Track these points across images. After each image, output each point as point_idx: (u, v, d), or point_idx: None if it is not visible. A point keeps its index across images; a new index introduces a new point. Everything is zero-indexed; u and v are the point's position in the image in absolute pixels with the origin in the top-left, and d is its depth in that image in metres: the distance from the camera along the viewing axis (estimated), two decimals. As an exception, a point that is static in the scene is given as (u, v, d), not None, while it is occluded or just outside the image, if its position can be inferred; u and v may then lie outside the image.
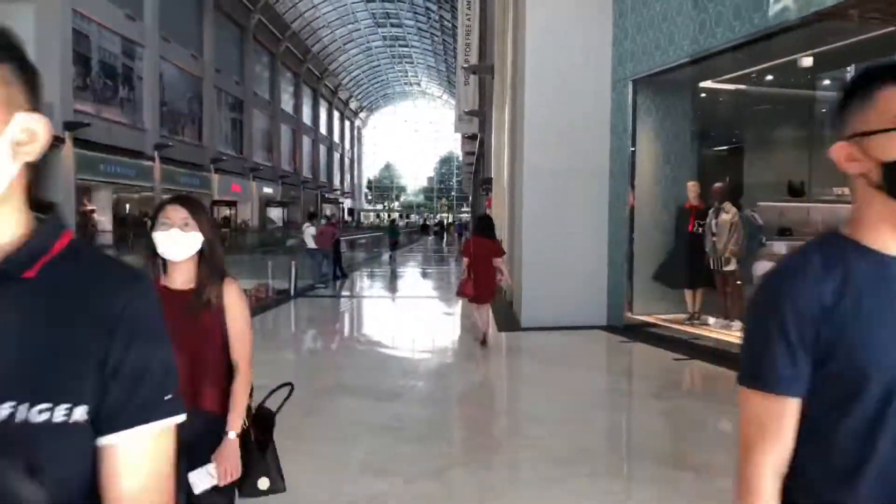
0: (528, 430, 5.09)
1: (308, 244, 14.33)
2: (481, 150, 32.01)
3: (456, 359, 8.26)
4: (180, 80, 37.63)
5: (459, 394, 6.42)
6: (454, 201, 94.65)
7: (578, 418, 5.24)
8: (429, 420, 5.25)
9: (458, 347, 8.68)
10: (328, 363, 7.56)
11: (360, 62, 70.36)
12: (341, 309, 11.97)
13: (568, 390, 6.09)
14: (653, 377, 6.75)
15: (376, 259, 25.66)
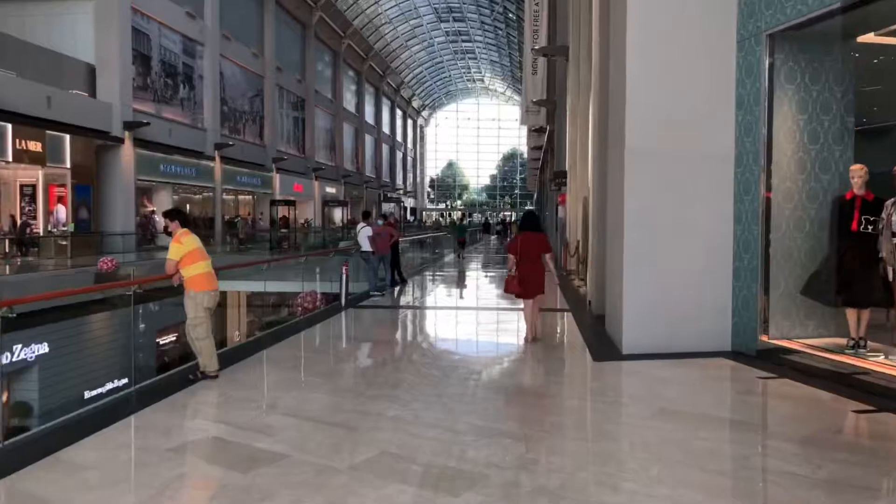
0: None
1: (363, 246, 12.63)
2: (550, 143, 29.86)
3: (540, 409, 6.37)
4: (241, 79, 36.90)
5: (537, 480, 4.31)
6: (517, 199, 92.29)
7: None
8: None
9: (545, 386, 6.77)
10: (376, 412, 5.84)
11: (423, 59, 68.98)
12: (398, 323, 10.13)
13: (702, 470, 3.89)
14: (843, 447, 4.38)
15: (439, 260, 23.93)
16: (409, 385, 5.95)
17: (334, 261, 12.93)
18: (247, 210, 38.38)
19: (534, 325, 8.10)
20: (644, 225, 7.34)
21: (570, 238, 17.59)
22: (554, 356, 7.52)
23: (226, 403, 5.44)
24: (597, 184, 10.32)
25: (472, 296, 13.78)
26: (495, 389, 5.95)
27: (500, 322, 10.02)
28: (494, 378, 6.51)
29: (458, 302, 12.73)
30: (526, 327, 8.14)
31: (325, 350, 7.84)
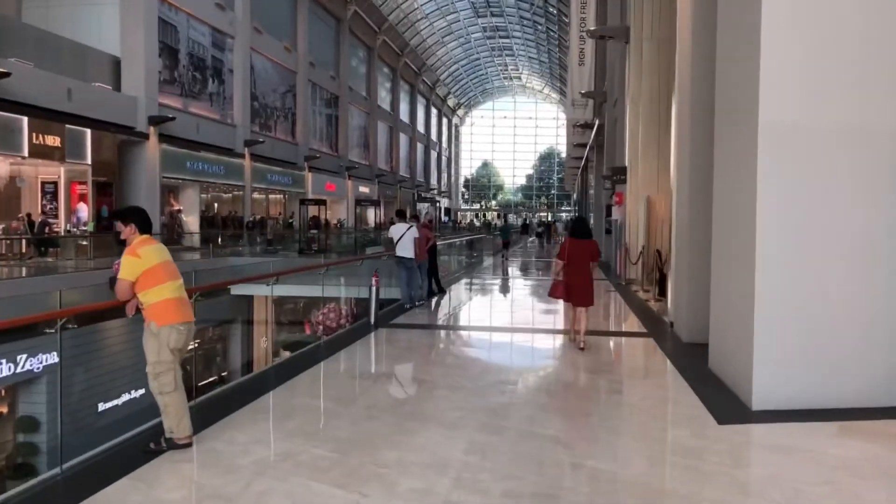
0: None
1: (403, 251, 10.64)
2: (597, 138, 27.62)
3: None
4: (273, 74, 35.41)
5: None
6: (554, 199, 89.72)
7: None
8: None
9: (663, 477, 4.73)
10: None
11: (459, 56, 67.01)
12: (441, 352, 7.92)
13: None
14: None
15: (478, 265, 21.90)
16: (470, 467, 3.98)
17: (363, 268, 11.03)
18: (278, 209, 36.94)
19: (582, 332, 7.71)
20: (787, 230, 5.25)
21: (629, 242, 15.45)
22: (658, 413, 5.44)
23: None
24: (689, 179, 8.20)
25: (522, 311, 11.75)
26: (604, 480, 3.90)
27: (565, 352, 7.99)
28: (592, 456, 4.44)
29: (508, 319, 10.67)
30: (573, 331, 7.96)
31: (350, 395, 5.80)
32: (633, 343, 8.41)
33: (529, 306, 12.52)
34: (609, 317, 10.91)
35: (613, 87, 22.35)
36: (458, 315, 11.09)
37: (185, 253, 25.30)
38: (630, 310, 11.17)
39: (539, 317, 11.14)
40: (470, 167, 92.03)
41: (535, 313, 11.55)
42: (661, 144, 15.18)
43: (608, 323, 10.35)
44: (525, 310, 12.07)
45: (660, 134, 15.20)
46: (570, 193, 79.58)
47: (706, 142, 7.99)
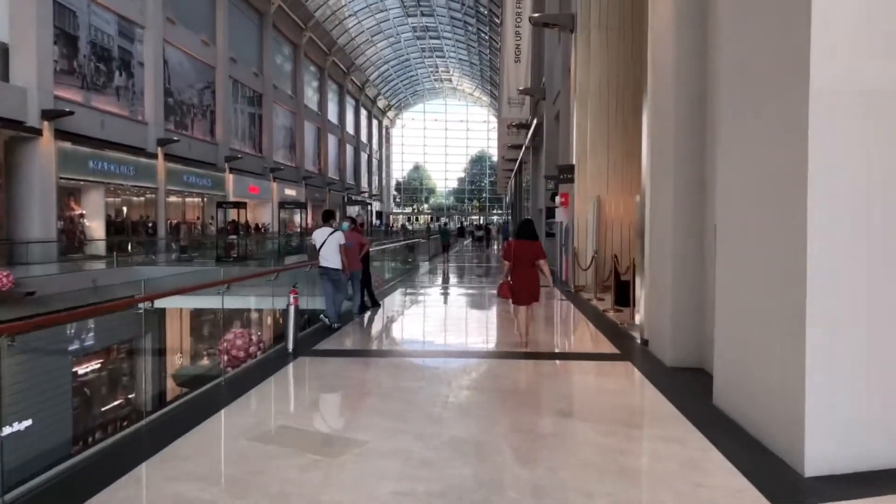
0: None
1: (328, 261, 8.91)
2: (536, 137, 26.49)
3: None
4: (189, 69, 32.76)
5: None
6: (486, 202, 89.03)
7: None
8: None
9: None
10: None
11: (389, 56, 65.20)
12: (372, 389, 6.01)
13: None
14: None
15: (415, 272, 20.28)
16: None
17: (283, 279, 9.23)
18: (196, 214, 34.26)
19: (526, 330, 8.03)
20: (859, 232, 3.88)
21: (577, 246, 14.19)
22: (686, 490, 3.94)
23: None
24: (673, 177, 6.84)
25: (470, 327, 10.23)
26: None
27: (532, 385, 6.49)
28: None
29: (455, 339, 9.05)
30: (518, 333, 8.14)
31: (247, 477, 4.03)
32: (608, 369, 6.97)
33: (477, 320, 11.00)
34: (569, 332, 9.51)
35: (553, 82, 21.20)
36: (393, 336, 9.33)
37: (88, 262, 22.67)
38: (589, 323, 9.80)
39: (492, 334, 9.63)
40: (401, 170, 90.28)
41: (486, 329, 10.04)
42: (611, 141, 14.01)
43: (570, 340, 8.95)
44: (474, 324, 10.53)
45: (609, 129, 14.03)
46: (501, 196, 79.03)
47: (694, 136, 6.69)
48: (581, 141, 14.06)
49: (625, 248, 13.92)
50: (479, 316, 11.38)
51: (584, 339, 8.70)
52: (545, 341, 8.39)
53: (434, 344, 8.47)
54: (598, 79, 14.05)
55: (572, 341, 8.65)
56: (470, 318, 11.02)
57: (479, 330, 9.99)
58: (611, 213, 14.00)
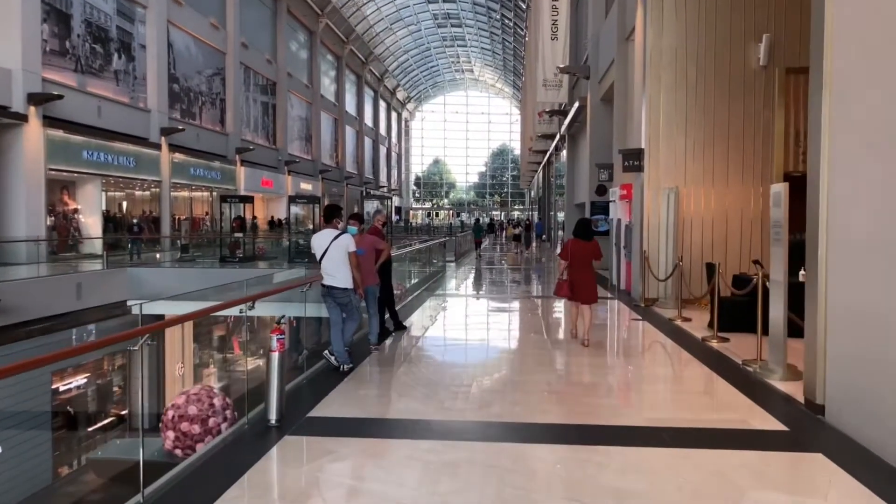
0: None
1: (333, 278, 6.21)
2: (575, 123, 23.64)
3: None
4: (197, 53, 30.28)
5: None
6: (508, 197, 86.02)
7: None
8: None
9: None
10: None
11: (409, 45, 62.38)
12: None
13: None
14: None
15: (443, 276, 17.55)
16: None
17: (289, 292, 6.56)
18: (204, 209, 31.87)
19: (586, 330, 7.72)
20: None
21: (647, 249, 11.42)
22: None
23: None
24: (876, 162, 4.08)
25: (547, 373, 6.49)
26: None
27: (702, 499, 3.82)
28: None
29: (534, 395, 5.55)
30: (575, 329, 8.04)
31: None
32: (790, 468, 4.20)
33: (549, 357, 7.90)
34: (679, 378, 6.64)
35: (599, 58, 18.37)
36: (433, 383, 6.04)
37: (82, 262, 20.29)
38: (694, 358, 7.06)
39: (587, 390, 6.70)
40: (421, 164, 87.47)
41: (570, 377, 7.20)
42: (690, 120, 11.22)
43: (688, 394, 6.00)
44: (546, 366, 7.05)
45: (689, 107, 11.23)
46: (524, 191, 76.14)
47: None
48: (653, 121, 11.27)
49: (707, 251, 11.14)
50: (549, 351, 8.18)
51: (709, 395, 5.89)
52: (655, 398, 5.66)
53: (488, 401, 5.74)
54: (672, 46, 11.25)
55: (693, 398, 5.82)
56: (536, 354, 7.64)
57: (559, 378, 6.45)
58: (689, 209, 11.22)
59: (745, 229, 11.18)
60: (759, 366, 6.40)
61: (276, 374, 4.76)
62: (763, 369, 6.27)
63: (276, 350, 4.76)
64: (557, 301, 12.28)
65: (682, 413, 5.10)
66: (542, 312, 11.47)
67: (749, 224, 11.16)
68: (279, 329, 4.79)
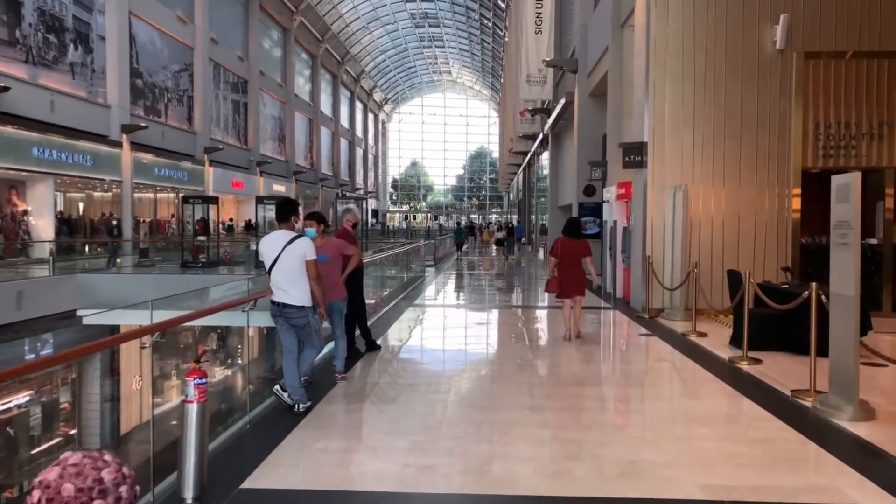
0: None
1: (285, 293, 4.81)
2: (559, 124, 22.45)
3: None
4: (163, 48, 28.57)
5: None
6: (486, 201, 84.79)
7: None
8: None
9: None
10: None
11: (386, 45, 60.90)
12: None
13: None
14: None
15: (422, 282, 16.17)
16: None
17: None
18: (170, 211, 30.13)
19: (575, 324, 8.14)
20: None
21: (651, 254, 10.16)
22: None
23: None
24: None
25: (563, 414, 5.03)
26: None
27: None
28: None
29: (548, 447, 4.26)
30: (564, 326, 8.18)
31: None
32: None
33: (559, 388, 6.58)
34: (722, 424, 5.12)
35: (588, 51, 17.17)
36: (416, 430, 4.55)
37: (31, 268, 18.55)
38: (727, 387, 5.78)
39: (608, 438, 5.40)
40: (399, 166, 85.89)
41: (591, 406, 5.85)
42: (698, 112, 10.02)
43: (744, 453, 4.27)
44: (558, 401, 5.78)
45: (696, 97, 10.03)
46: (503, 194, 75.06)
47: None
48: (658, 112, 10.02)
49: (717, 256, 9.92)
50: (557, 379, 6.64)
51: (771, 445, 4.51)
52: (702, 450, 4.32)
53: (501, 459, 4.31)
54: (678, 30, 10.04)
55: (752, 449, 4.37)
56: (542, 383, 6.20)
57: (576, 419, 4.88)
58: (698, 209, 9.99)
59: (759, 232, 9.99)
60: (819, 400, 5.13)
61: (195, 434, 3.36)
62: (825, 405, 5.00)
63: (195, 400, 3.36)
64: (550, 310, 10.97)
65: (747, 475, 3.79)
66: (535, 326, 10.16)
67: (764, 227, 9.97)
68: (198, 370, 3.39)
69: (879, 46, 9.73)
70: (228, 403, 5.25)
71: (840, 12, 9.86)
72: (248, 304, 4.94)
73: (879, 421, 4.78)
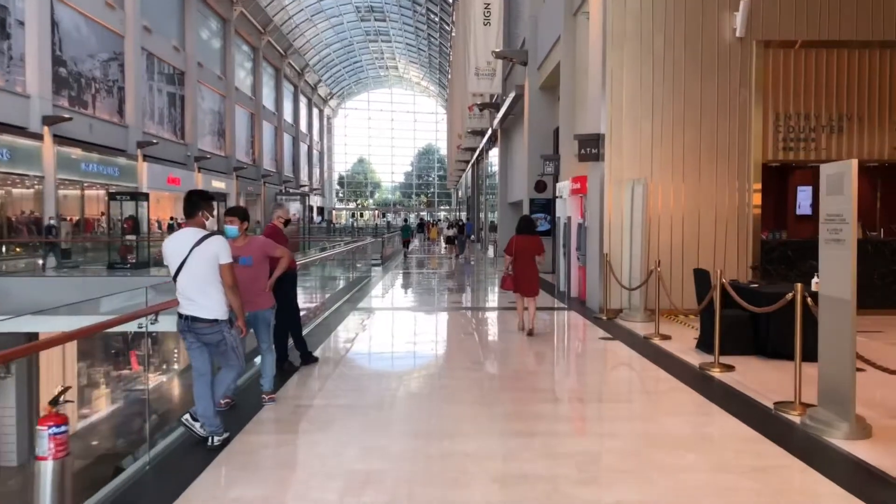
0: None
1: (188, 304, 3.98)
2: (509, 119, 21.90)
3: None
4: (90, 35, 26.74)
5: None
6: (434, 198, 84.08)
7: None
8: None
9: None
10: None
11: (331, 39, 59.38)
12: None
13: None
14: None
15: (365, 285, 15.28)
16: None
17: None
18: (99, 209, 28.29)
19: (531, 319, 8.23)
20: None
21: (609, 251, 9.61)
22: None
23: None
24: None
25: (520, 427, 4.52)
26: None
27: None
28: None
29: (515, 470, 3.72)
30: (522, 321, 8.43)
31: None
32: None
33: (526, 406, 5.86)
34: (705, 448, 4.48)
35: (538, 42, 16.63)
36: (357, 470, 3.71)
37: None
38: (716, 408, 5.19)
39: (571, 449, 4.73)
40: (345, 163, 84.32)
41: (564, 430, 5.16)
42: (657, 101, 9.52)
43: (743, 487, 3.78)
44: (531, 415, 5.18)
45: (654, 85, 9.53)
46: (451, 191, 74.56)
47: None
48: (615, 100, 9.47)
49: (676, 254, 9.46)
50: (522, 395, 5.45)
51: (769, 476, 3.87)
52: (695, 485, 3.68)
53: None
54: (636, 11, 9.50)
55: (751, 483, 3.72)
56: (504, 402, 5.24)
57: (550, 450, 4.00)
58: (657, 204, 9.49)
59: (719, 228, 9.56)
60: (809, 415, 4.58)
61: (50, 499, 2.49)
62: (816, 421, 4.45)
63: (50, 456, 2.50)
64: (503, 312, 10.31)
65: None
66: (489, 332, 9.48)
67: (725, 222, 9.55)
68: (55, 416, 2.53)
69: (839, 36, 9.41)
70: (123, 439, 4.45)
71: (800, 1, 9.50)
72: (147, 317, 4.04)
73: (878, 439, 4.25)
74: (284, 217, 6.29)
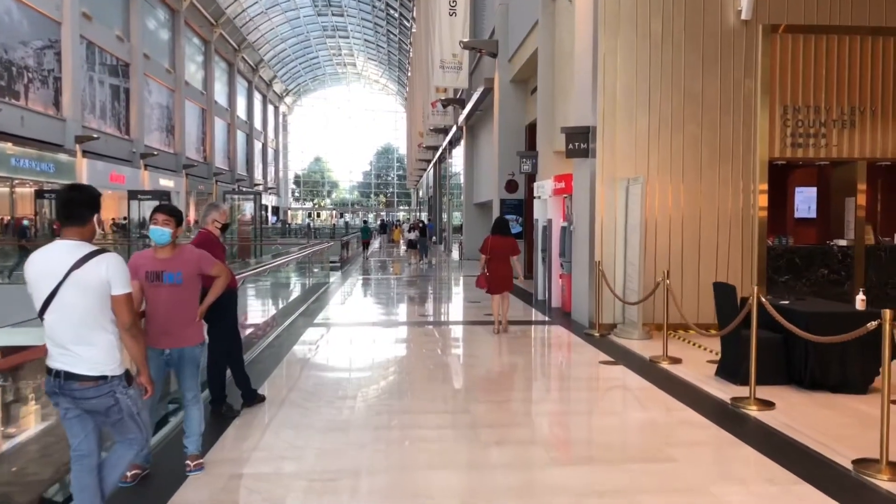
0: None
1: (61, 353, 2.63)
2: (475, 115, 20.76)
3: None
4: (21, 20, 24.58)
5: None
6: (394, 198, 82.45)
7: None
8: None
9: None
10: None
11: (286, 34, 57.34)
12: None
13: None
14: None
15: (322, 294, 13.83)
16: None
17: None
18: (32, 208, 26.08)
19: (504, 313, 8.51)
20: None
21: (601, 259, 8.50)
22: None
23: None
24: None
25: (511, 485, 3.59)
26: None
27: None
28: None
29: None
30: (496, 320, 8.58)
31: None
32: None
33: (519, 453, 4.83)
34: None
35: (509, 33, 15.51)
36: None
37: None
38: (792, 476, 4.09)
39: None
40: (301, 161, 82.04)
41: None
42: (653, 92, 8.46)
43: None
44: (522, 464, 4.48)
45: (652, 76, 8.47)
46: (410, 191, 73.19)
47: None
48: (608, 90, 8.36)
49: (675, 261, 8.41)
50: (511, 446, 5.09)
51: None
52: None
53: None
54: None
55: None
56: (494, 458, 4.32)
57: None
58: (654, 207, 8.43)
59: (722, 233, 8.55)
60: None
61: None
62: None
63: None
64: (480, 327, 9.09)
65: None
66: (469, 356, 8.26)
67: (728, 226, 8.54)
68: None
69: (853, 21, 8.51)
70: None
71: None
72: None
73: None
74: (222, 220, 4.94)
